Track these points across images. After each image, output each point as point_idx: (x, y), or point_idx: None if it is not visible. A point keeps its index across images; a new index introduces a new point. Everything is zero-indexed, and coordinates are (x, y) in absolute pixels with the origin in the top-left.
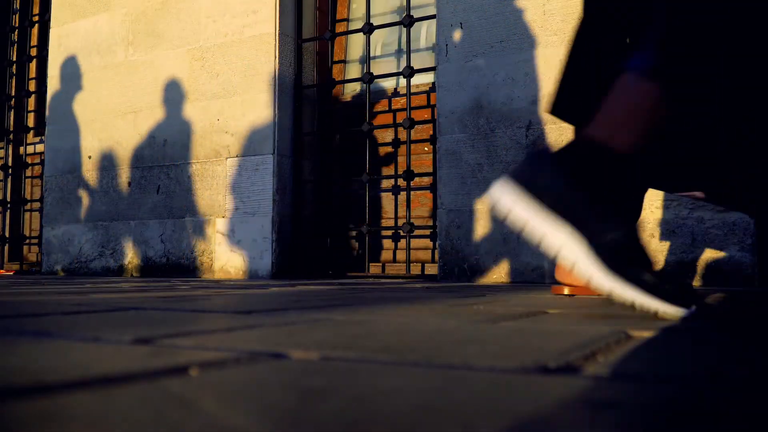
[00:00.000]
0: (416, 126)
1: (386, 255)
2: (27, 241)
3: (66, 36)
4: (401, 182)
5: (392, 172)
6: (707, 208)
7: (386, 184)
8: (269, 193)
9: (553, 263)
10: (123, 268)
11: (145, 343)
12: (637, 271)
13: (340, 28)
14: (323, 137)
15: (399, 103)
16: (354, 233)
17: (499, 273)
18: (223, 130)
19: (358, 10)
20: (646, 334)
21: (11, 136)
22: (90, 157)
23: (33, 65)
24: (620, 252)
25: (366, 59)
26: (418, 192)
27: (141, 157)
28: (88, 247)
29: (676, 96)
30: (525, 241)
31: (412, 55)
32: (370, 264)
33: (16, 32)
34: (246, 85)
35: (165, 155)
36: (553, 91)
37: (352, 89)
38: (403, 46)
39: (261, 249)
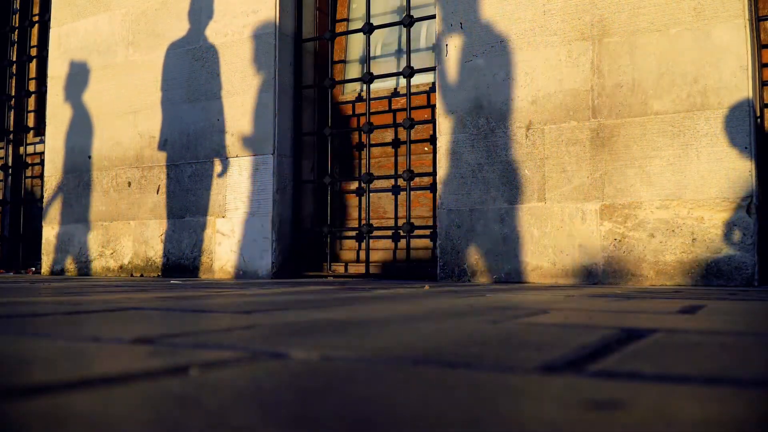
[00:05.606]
0: (416, 126)
1: (386, 254)
2: (27, 240)
3: (66, 36)
4: (401, 182)
5: (392, 172)
6: (707, 208)
7: (386, 184)
8: (269, 193)
9: (553, 263)
10: (123, 268)
11: (145, 343)
12: None
13: (340, 28)
14: (323, 137)
15: (399, 103)
16: (354, 233)
17: (499, 273)
18: (223, 130)
19: (358, 10)
20: (647, 334)
21: (11, 136)
22: (90, 157)
23: (33, 65)
24: None
25: (366, 59)
26: (418, 192)
27: (141, 157)
28: (88, 247)
29: None
30: (525, 240)
31: (412, 55)
32: (371, 263)
33: (16, 32)
34: (246, 85)
35: (165, 155)
36: None
37: (352, 89)
38: (403, 46)
39: (261, 249)
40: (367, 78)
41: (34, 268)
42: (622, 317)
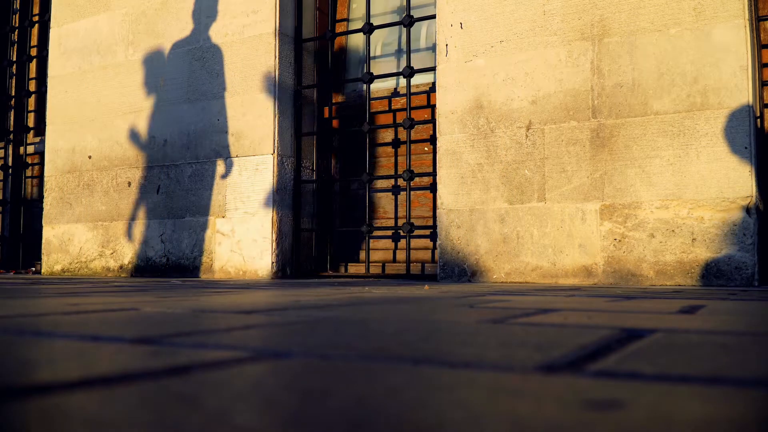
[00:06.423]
0: (416, 126)
1: (386, 255)
2: (27, 240)
3: (66, 36)
4: (401, 182)
5: (392, 172)
6: (707, 208)
7: (386, 184)
8: (269, 193)
9: (553, 263)
10: (123, 268)
11: (145, 343)
12: None
13: (340, 28)
14: (323, 137)
15: (399, 103)
16: (354, 233)
17: (499, 273)
18: (223, 130)
19: (358, 10)
20: (647, 334)
21: (11, 136)
22: (90, 157)
23: (33, 65)
24: None
25: (366, 59)
26: (418, 192)
27: (141, 157)
28: (88, 247)
29: None
30: (525, 240)
31: (412, 55)
32: (371, 264)
33: (16, 32)
34: (246, 85)
35: (165, 155)
36: None
37: (352, 89)
38: (403, 46)
39: (261, 249)
40: (367, 78)
41: (34, 268)
42: (622, 317)
